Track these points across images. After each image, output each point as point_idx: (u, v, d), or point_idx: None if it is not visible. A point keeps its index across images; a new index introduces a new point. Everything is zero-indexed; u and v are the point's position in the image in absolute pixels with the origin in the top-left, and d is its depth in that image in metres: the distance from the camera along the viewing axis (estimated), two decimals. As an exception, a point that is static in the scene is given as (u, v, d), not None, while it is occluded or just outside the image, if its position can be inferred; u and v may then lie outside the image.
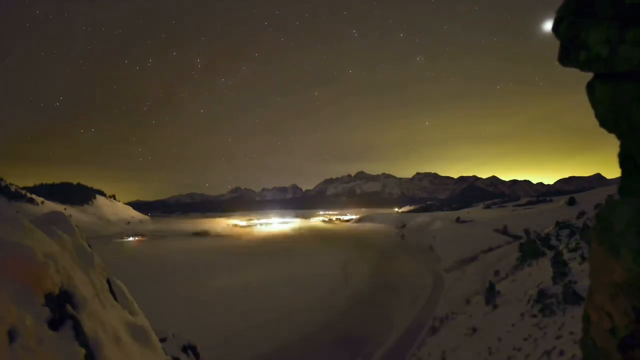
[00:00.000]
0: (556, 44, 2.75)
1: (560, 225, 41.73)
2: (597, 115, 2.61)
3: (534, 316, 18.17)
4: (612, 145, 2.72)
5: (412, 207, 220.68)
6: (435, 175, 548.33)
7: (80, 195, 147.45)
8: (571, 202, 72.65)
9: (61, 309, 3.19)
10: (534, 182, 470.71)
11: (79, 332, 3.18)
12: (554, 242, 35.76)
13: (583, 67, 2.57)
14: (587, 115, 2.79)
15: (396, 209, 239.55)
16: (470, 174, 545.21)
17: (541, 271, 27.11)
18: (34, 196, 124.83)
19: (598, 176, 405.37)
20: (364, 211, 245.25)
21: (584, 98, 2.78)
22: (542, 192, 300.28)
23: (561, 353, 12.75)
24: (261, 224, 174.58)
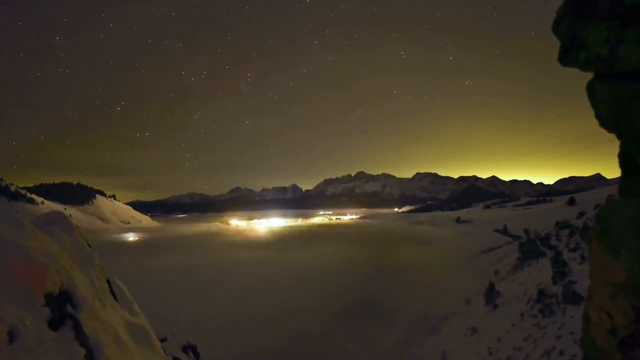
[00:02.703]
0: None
1: (560, 225, 41.70)
2: (597, 115, 2.61)
3: (534, 316, 18.17)
4: (612, 145, 2.72)
5: (412, 207, 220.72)
6: (435, 175, 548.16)
7: (80, 195, 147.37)
8: (571, 202, 72.62)
9: (61, 309, 3.19)
10: (534, 182, 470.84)
11: (79, 332, 3.19)
12: (554, 242, 35.72)
13: (583, 67, 2.57)
14: (588, 115, 2.79)
15: (396, 209, 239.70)
16: (470, 174, 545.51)
17: (541, 271, 27.09)
18: (34, 196, 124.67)
19: (598, 176, 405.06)
20: (363, 211, 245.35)
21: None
22: (542, 192, 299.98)
23: (561, 353, 12.76)
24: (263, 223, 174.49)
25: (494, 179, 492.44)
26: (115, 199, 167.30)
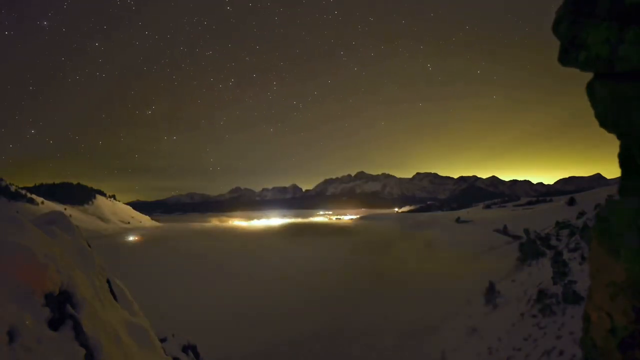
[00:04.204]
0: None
1: (560, 225, 41.72)
2: (597, 115, 2.61)
3: (534, 316, 18.17)
4: (612, 145, 2.72)
5: (412, 207, 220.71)
6: (435, 175, 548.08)
7: (80, 195, 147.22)
8: (571, 202, 72.56)
9: (61, 309, 3.19)
10: (534, 182, 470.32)
11: (79, 332, 3.19)
12: (554, 242, 35.71)
13: (583, 67, 2.57)
14: (588, 115, 2.80)
15: (396, 209, 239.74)
16: (470, 174, 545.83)
17: (541, 271, 27.10)
18: (34, 196, 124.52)
19: (598, 176, 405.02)
20: (363, 211, 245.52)
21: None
22: (542, 192, 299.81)
23: (561, 353, 12.76)
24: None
25: (494, 179, 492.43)
26: (115, 199, 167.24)
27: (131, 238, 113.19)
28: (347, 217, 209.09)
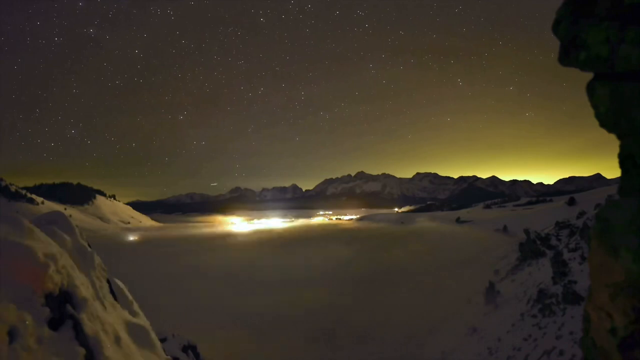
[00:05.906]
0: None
1: (560, 225, 41.64)
2: (597, 116, 2.60)
3: (534, 316, 18.17)
4: (612, 145, 2.71)
5: (412, 207, 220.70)
6: (435, 175, 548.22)
7: (80, 195, 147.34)
8: (571, 202, 72.47)
9: (61, 309, 3.19)
10: (534, 182, 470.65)
11: (79, 332, 3.19)
12: (554, 242, 35.65)
13: (583, 67, 2.56)
14: (588, 115, 2.79)
15: (396, 209, 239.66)
16: (470, 174, 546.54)
17: (541, 271, 27.09)
18: (34, 196, 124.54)
19: (598, 176, 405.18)
20: (363, 211, 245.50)
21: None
22: (542, 192, 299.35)
23: (561, 353, 12.76)
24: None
25: (494, 179, 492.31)
26: (115, 199, 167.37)
27: (131, 238, 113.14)
28: (347, 217, 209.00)
